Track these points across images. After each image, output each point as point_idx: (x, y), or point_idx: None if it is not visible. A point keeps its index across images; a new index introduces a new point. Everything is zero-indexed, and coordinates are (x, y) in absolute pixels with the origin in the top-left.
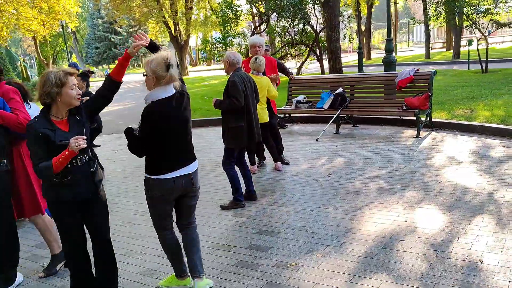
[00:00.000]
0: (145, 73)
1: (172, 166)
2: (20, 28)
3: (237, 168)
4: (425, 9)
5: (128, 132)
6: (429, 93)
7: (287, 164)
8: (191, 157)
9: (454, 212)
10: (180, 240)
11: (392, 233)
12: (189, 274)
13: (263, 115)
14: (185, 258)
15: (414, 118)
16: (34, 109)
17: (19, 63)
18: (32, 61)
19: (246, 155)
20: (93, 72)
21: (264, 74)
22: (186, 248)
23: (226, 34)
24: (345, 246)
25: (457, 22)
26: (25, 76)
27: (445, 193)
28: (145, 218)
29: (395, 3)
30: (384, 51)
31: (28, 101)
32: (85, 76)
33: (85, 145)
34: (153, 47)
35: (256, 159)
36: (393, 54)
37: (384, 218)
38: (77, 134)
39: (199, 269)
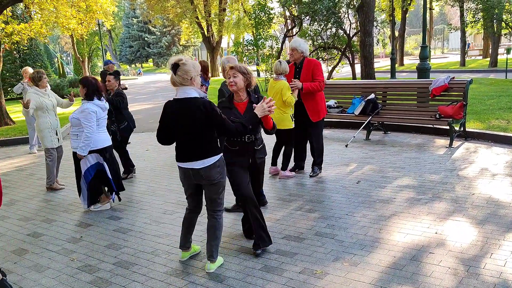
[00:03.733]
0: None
1: (179, 158)
2: (58, 26)
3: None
4: (462, 16)
5: None
6: (464, 102)
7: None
8: (198, 155)
9: (487, 226)
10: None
11: (421, 244)
12: (188, 250)
13: (282, 121)
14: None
15: (447, 127)
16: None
17: (57, 59)
18: (69, 58)
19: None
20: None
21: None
22: (207, 232)
23: (258, 37)
24: (372, 256)
25: (495, 29)
26: (61, 72)
27: (478, 206)
28: (173, 218)
29: (431, 9)
30: (417, 57)
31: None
32: (117, 75)
33: None
34: None
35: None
36: (428, 61)
37: (413, 229)
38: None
39: (211, 254)
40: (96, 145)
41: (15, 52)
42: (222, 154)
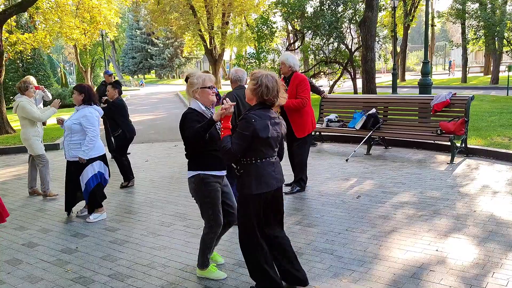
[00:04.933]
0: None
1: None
2: (62, 36)
3: None
4: (463, 33)
5: None
6: (466, 119)
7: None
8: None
9: (488, 244)
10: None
11: (421, 262)
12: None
13: None
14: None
15: (449, 143)
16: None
17: (59, 69)
18: (72, 68)
19: None
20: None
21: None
22: None
23: (260, 50)
24: (372, 272)
25: (496, 47)
26: (64, 82)
27: (479, 224)
28: (170, 230)
29: (432, 25)
30: (419, 73)
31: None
32: (116, 85)
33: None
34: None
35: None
36: (429, 77)
37: (413, 246)
38: None
39: (197, 260)
40: (99, 151)
41: (18, 61)
42: (201, 171)
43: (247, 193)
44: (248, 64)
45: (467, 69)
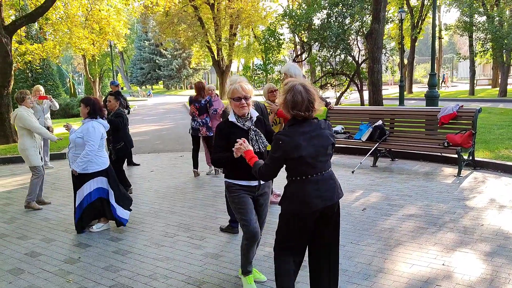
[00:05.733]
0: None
1: None
2: (71, 47)
3: None
4: (471, 45)
5: None
6: (473, 131)
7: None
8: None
9: (496, 259)
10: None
11: (427, 276)
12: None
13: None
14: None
15: (456, 155)
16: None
17: (68, 79)
18: (81, 78)
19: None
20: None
21: None
22: None
23: (267, 61)
24: (376, 286)
25: (504, 59)
26: (72, 92)
27: (487, 238)
28: (173, 241)
29: (440, 38)
30: (426, 85)
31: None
32: (118, 95)
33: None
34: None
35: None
36: (436, 89)
37: (419, 260)
38: None
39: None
40: (102, 165)
41: (27, 71)
42: (227, 179)
43: (282, 208)
44: (255, 75)
45: (475, 81)
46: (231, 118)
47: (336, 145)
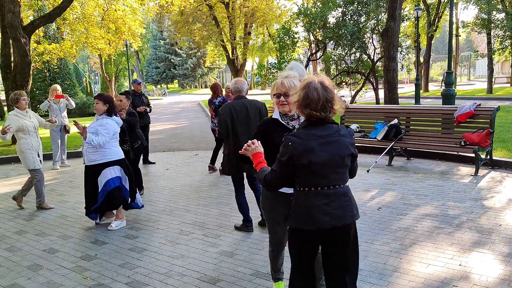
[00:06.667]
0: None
1: None
2: (88, 46)
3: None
4: (489, 43)
5: None
6: (491, 130)
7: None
8: None
9: None
10: None
11: (444, 276)
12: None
13: None
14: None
15: (473, 155)
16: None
17: (85, 78)
18: (97, 77)
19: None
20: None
21: None
22: None
23: (282, 60)
24: (392, 286)
25: None
26: (89, 91)
27: (505, 238)
28: (189, 239)
29: (457, 35)
30: (442, 84)
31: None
32: (129, 95)
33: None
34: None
35: None
36: (453, 87)
37: (435, 260)
38: None
39: None
40: (116, 156)
41: (45, 71)
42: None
43: (287, 223)
44: (269, 74)
45: (493, 79)
46: (275, 115)
47: None
